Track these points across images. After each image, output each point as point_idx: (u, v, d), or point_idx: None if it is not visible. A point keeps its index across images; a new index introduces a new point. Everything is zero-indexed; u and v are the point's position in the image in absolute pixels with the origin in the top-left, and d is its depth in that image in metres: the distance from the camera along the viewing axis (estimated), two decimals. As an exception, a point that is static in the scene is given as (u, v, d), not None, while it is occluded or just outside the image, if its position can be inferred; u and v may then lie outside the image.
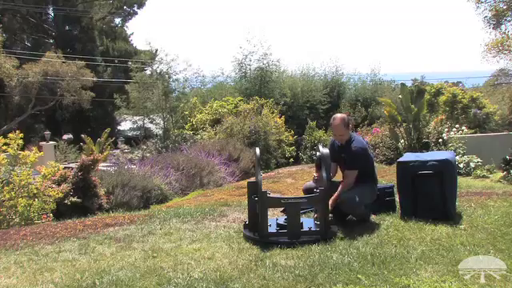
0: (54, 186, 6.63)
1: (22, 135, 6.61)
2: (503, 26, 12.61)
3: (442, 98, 13.82)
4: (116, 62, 30.07)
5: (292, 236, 3.72)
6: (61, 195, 6.49)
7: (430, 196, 4.14)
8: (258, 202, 3.78)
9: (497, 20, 12.34)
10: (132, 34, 34.49)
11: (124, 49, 31.46)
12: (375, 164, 4.56)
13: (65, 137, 20.31)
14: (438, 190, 4.11)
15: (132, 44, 33.64)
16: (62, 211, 6.47)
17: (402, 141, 9.69)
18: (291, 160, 14.92)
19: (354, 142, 4.22)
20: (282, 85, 21.95)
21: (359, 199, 4.02)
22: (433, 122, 10.53)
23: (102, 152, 14.37)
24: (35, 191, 6.24)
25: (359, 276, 2.88)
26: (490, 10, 12.35)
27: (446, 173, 4.14)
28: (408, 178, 4.23)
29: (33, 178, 6.49)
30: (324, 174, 3.85)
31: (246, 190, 4.22)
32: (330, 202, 3.93)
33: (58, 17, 30.04)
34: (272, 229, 3.84)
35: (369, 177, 4.24)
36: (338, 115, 4.35)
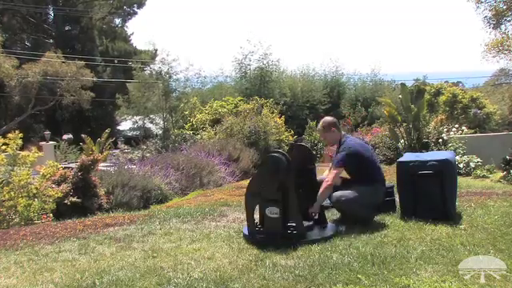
0: (53, 186, 6.62)
1: (21, 135, 6.62)
2: (503, 26, 12.65)
3: (442, 98, 13.83)
4: (116, 61, 30.04)
5: (319, 232, 3.81)
6: (60, 195, 6.48)
7: (430, 196, 4.13)
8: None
9: (497, 20, 12.36)
10: (132, 34, 34.50)
11: (124, 49, 31.45)
12: (379, 165, 4.47)
13: (65, 137, 20.24)
14: (438, 189, 4.11)
15: (132, 44, 33.63)
16: (61, 211, 6.46)
17: (402, 141, 9.69)
18: (291, 160, 14.89)
19: (342, 144, 4.18)
20: (281, 85, 21.98)
21: (354, 197, 3.97)
22: (433, 122, 10.53)
23: (101, 152, 14.36)
24: (35, 191, 6.24)
25: (359, 276, 2.88)
26: (489, 10, 12.38)
27: (446, 173, 4.14)
28: (408, 177, 4.23)
29: (32, 178, 6.49)
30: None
31: (245, 190, 4.21)
32: (315, 208, 3.95)
33: (57, 17, 30.03)
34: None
35: (365, 178, 4.14)
36: (324, 118, 4.37)
